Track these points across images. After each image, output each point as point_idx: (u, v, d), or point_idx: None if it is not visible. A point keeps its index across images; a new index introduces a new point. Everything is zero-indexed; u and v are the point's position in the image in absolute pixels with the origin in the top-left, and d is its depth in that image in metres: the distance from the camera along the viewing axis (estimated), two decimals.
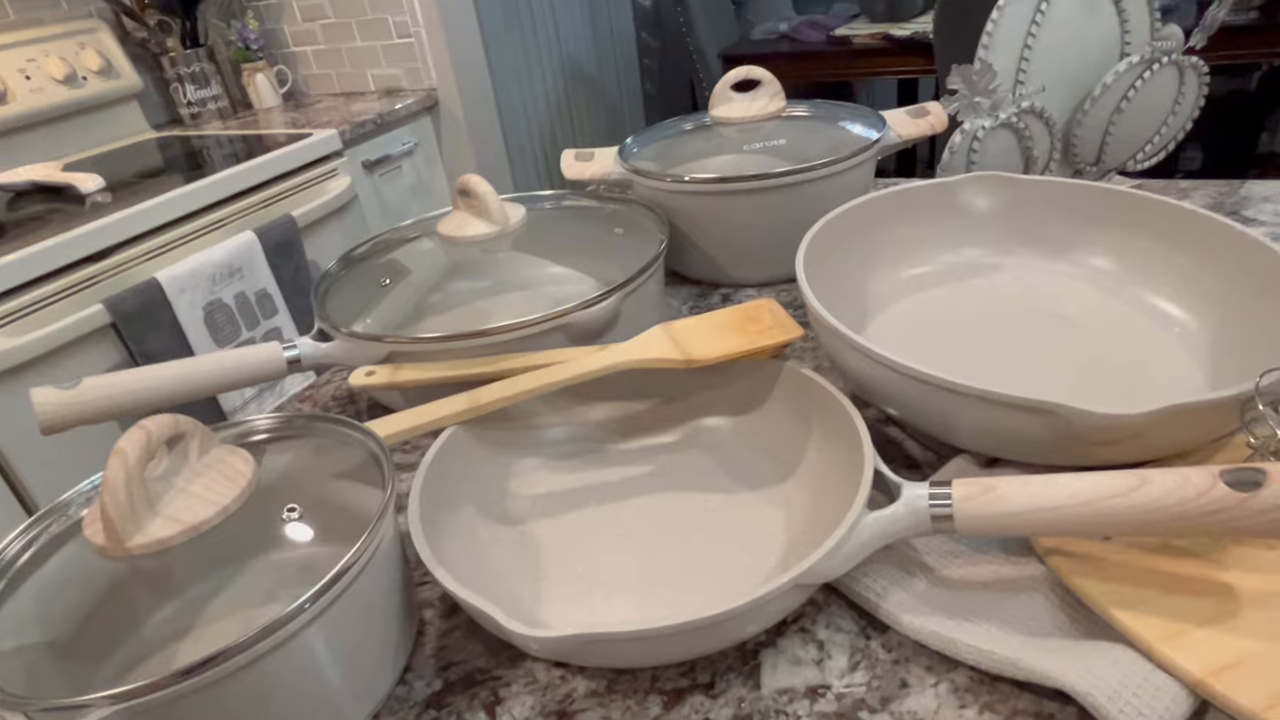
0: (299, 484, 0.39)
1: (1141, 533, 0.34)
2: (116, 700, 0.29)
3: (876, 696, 0.34)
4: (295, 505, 0.36)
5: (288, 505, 0.36)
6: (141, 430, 0.33)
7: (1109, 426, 0.36)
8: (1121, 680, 0.30)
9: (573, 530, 0.45)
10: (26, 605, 0.36)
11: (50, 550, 0.37)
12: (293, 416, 0.42)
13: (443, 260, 0.61)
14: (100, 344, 1.13)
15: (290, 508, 0.36)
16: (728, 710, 0.35)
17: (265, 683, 0.32)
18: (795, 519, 0.44)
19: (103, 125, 1.62)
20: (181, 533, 0.33)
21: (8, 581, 0.36)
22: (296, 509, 0.36)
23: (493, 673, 0.38)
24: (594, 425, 0.52)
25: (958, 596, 0.37)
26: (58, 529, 0.38)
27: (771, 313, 0.50)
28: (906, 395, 0.42)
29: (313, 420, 0.42)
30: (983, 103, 0.64)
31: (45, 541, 0.37)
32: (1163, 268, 0.53)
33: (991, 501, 0.35)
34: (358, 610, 0.35)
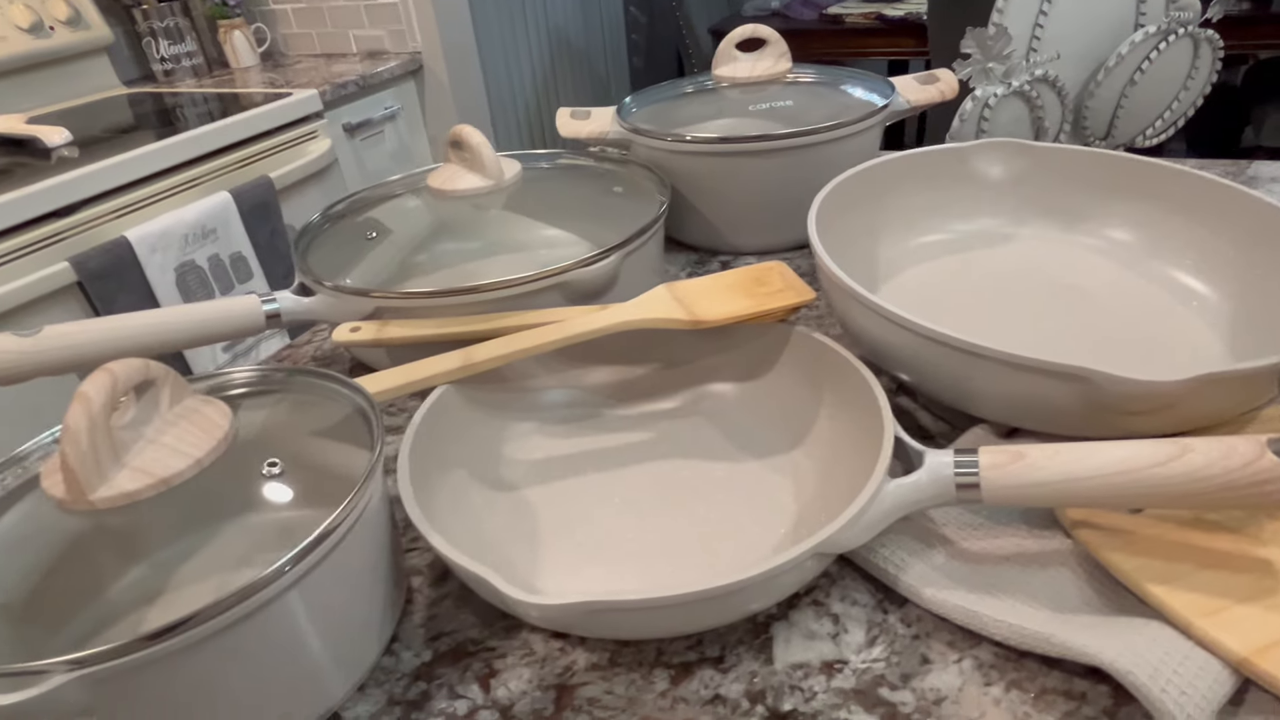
0: (279, 440, 0.36)
1: (1181, 505, 0.32)
2: (76, 665, 0.26)
3: (897, 673, 0.32)
4: (276, 460, 0.33)
5: (268, 460, 0.33)
6: (107, 374, 0.30)
7: (1144, 395, 0.34)
8: (1161, 658, 0.29)
9: (570, 497, 0.43)
10: None
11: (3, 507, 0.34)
12: (273, 369, 0.39)
13: (432, 214, 0.58)
14: (65, 303, 1.08)
15: (271, 462, 0.33)
16: (739, 685, 0.33)
17: (240, 650, 0.29)
18: (805, 488, 0.41)
19: (70, 79, 1.55)
20: (150, 486, 0.30)
21: None
22: (278, 464, 0.33)
23: (486, 644, 0.36)
24: (591, 389, 0.49)
25: (979, 570, 0.35)
26: (13, 483, 0.35)
27: (781, 275, 0.48)
28: (925, 360, 0.40)
29: (295, 374, 0.39)
30: (996, 69, 0.62)
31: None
32: (1181, 239, 0.51)
33: (1022, 470, 0.33)
34: (342, 575, 0.32)
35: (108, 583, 0.34)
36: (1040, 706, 0.30)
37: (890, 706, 0.31)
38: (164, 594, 0.33)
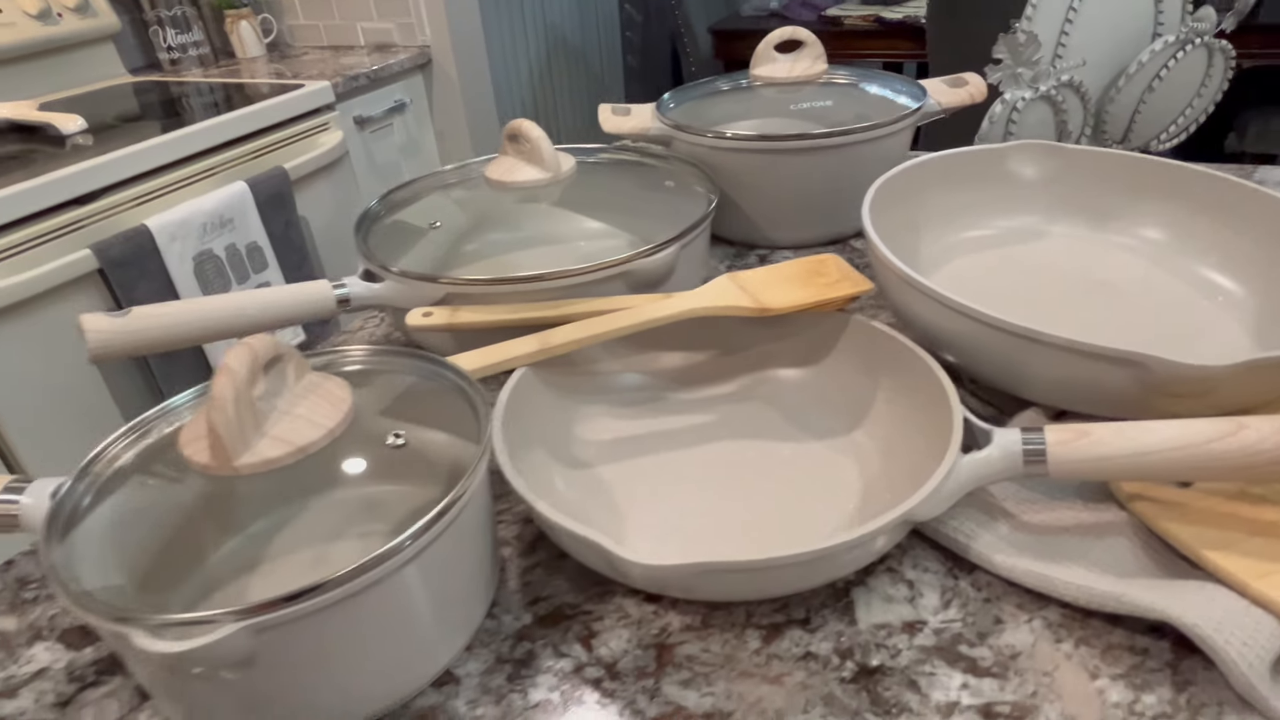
0: (389, 416, 0.38)
1: (1234, 478, 0.35)
2: (242, 616, 0.28)
3: (973, 631, 0.35)
4: (400, 431, 0.35)
5: (393, 431, 0.35)
6: (247, 348, 0.32)
7: (1193, 379, 0.37)
8: (1223, 614, 0.32)
9: (643, 475, 0.45)
10: (103, 532, 0.35)
11: (115, 484, 0.36)
12: (377, 350, 0.41)
13: (490, 205, 0.60)
14: (85, 291, 1.09)
15: (396, 433, 0.35)
16: (828, 644, 0.35)
17: (374, 609, 0.31)
18: (868, 467, 0.44)
19: (76, 66, 1.54)
20: (289, 454, 0.32)
21: (92, 499, 0.34)
22: (401, 435, 0.35)
23: (582, 608, 0.38)
24: (654, 374, 0.52)
25: (1042, 540, 0.38)
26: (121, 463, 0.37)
27: (838, 266, 0.51)
28: (982, 345, 0.43)
29: (395, 354, 0.41)
30: (1025, 73, 0.65)
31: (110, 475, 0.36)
32: (1206, 238, 0.54)
33: (1087, 446, 0.35)
34: (457, 542, 0.34)
35: (207, 555, 0.36)
36: (1109, 660, 0.33)
37: (970, 661, 0.34)
38: (264, 564, 0.35)
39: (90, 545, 0.34)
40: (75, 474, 0.35)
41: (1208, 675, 0.32)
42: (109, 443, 0.37)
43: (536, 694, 0.34)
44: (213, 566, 0.36)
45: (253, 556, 0.36)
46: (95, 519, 0.35)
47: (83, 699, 0.36)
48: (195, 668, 0.29)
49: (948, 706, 0.32)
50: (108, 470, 0.36)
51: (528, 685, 0.35)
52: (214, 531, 0.37)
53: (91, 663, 0.38)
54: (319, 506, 0.37)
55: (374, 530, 0.36)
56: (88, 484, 0.35)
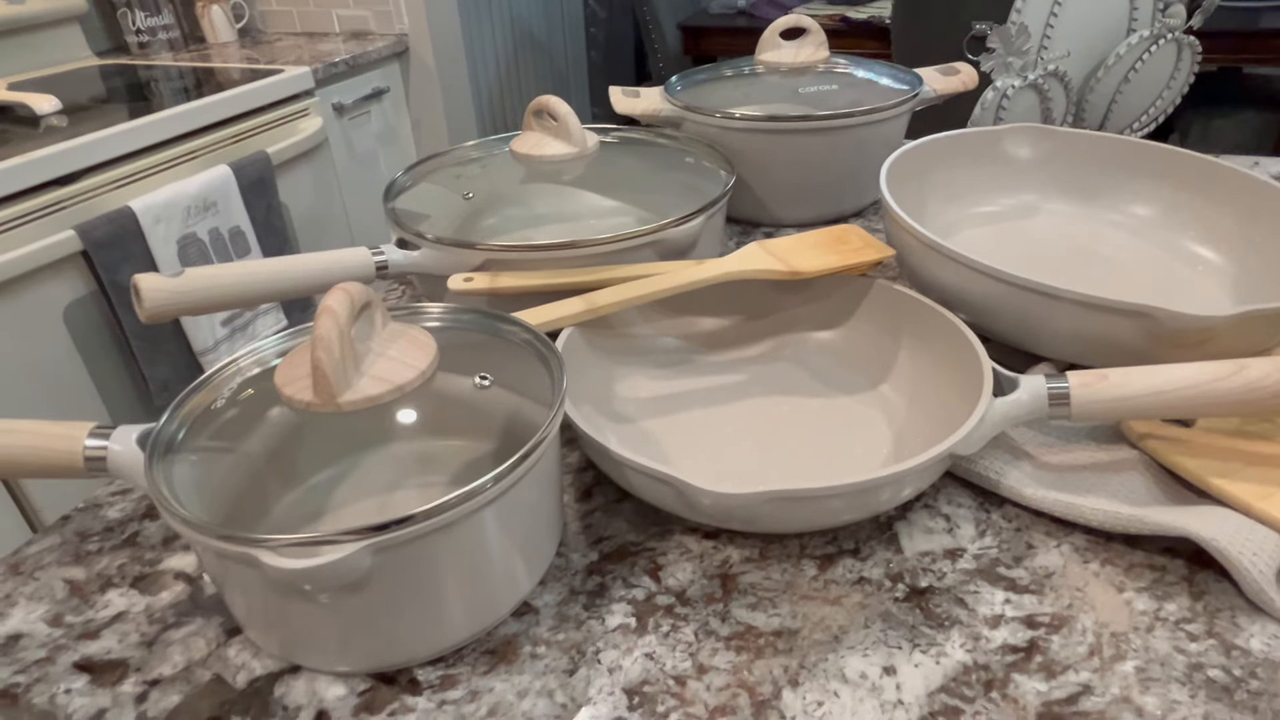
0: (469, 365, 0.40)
1: (1237, 413, 0.39)
2: (366, 534, 0.29)
3: (1009, 555, 0.38)
4: (486, 374, 0.37)
5: (480, 373, 0.37)
6: (343, 292, 0.34)
7: (1196, 327, 0.41)
8: (1234, 530, 0.35)
9: (687, 428, 0.48)
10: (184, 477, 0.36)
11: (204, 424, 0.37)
12: (450, 307, 0.42)
13: (516, 178, 0.62)
14: (67, 273, 1.07)
15: (482, 375, 0.37)
16: (878, 570, 0.38)
17: (470, 539, 0.33)
18: (896, 417, 0.47)
19: (41, 48, 1.50)
20: (389, 391, 0.34)
21: (185, 435, 0.36)
22: (488, 377, 0.37)
23: (645, 545, 0.40)
24: (685, 337, 0.54)
25: (1063, 476, 0.42)
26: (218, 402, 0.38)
27: (859, 235, 0.54)
28: (998, 303, 0.46)
29: (467, 311, 0.43)
30: (1015, 62, 0.70)
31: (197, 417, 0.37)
32: (1188, 213, 0.59)
33: (1107, 388, 0.39)
34: (537, 480, 0.36)
35: (271, 505, 0.37)
36: (1132, 576, 0.37)
37: (1009, 580, 0.37)
38: (327, 514, 0.36)
39: (180, 485, 0.35)
40: (166, 415, 0.36)
41: (1219, 586, 0.36)
42: (196, 385, 0.38)
43: (613, 619, 0.36)
44: (278, 514, 0.37)
45: (318, 506, 0.37)
46: (181, 462, 0.36)
47: (167, 638, 0.37)
48: (310, 586, 0.31)
49: (994, 619, 0.35)
50: (194, 413, 0.37)
51: (604, 613, 0.37)
52: (280, 481, 0.38)
53: (170, 605, 0.39)
54: (379, 459, 0.39)
55: (433, 481, 0.38)
56: (177, 425, 0.36)
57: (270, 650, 0.36)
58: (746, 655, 0.34)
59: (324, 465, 0.38)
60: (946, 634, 0.35)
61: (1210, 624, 0.34)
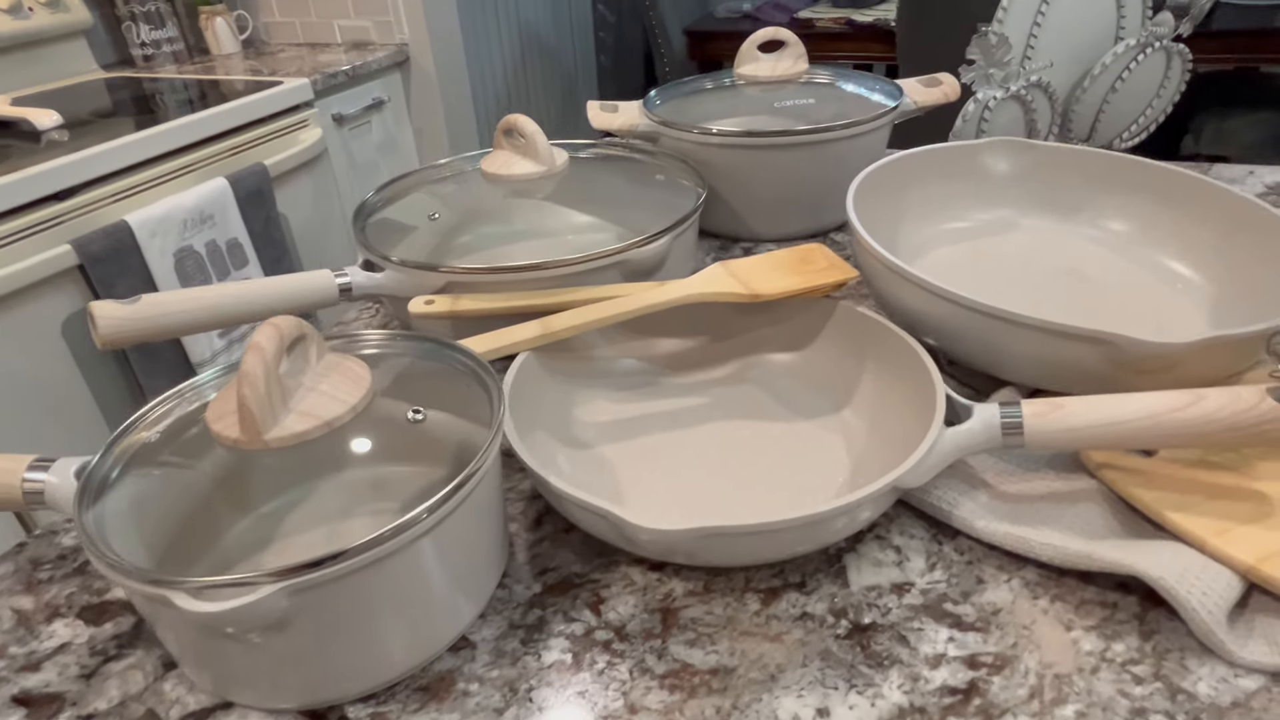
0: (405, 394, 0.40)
1: (1193, 444, 0.38)
2: (279, 578, 0.29)
3: (957, 590, 0.38)
4: (419, 408, 0.37)
5: (412, 407, 0.37)
6: (273, 328, 0.34)
7: (1159, 355, 0.40)
8: (1184, 568, 0.34)
9: (643, 454, 0.47)
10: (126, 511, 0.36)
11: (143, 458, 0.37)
12: (392, 334, 0.42)
13: (486, 197, 0.62)
14: (64, 287, 1.08)
15: (415, 409, 0.37)
16: (823, 604, 0.37)
17: (396, 575, 0.33)
18: (855, 443, 0.47)
19: (47, 62, 1.53)
20: (316, 428, 0.34)
21: (116, 477, 0.36)
22: (421, 411, 0.37)
23: (589, 576, 0.40)
24: (649, 359, 0.54)
25: (1018, 507, 0.41)
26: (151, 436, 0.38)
27: (825, 255, 0.53)
28: (961, 327, 0.45)
29: (408, 338, 0.42)
30: (996, 74, 0.69)
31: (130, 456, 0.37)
32: (1167, 229, 0.58)
33: (1061, 417, 0.38)
34: (473, 513, 0.36)
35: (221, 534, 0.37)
36: (1082, 614, 0.36)
37: (955, 617, 0.36)
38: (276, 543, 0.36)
39: (115, 521, 0.35)
40: (101, 452, 0.36)
41: (1171, 625, 0.35)
42: (133, 420, 0.38)
43: (550, 655, 0.36)
44: (228, 544, 0.37)
45: (266, 534, 0.37)
46: (119, 495, 0.36)
47: (106, 671, 0.37)
48: (231, 629, 0.31)
49: (935, 658, 0.34)
50: (132, 448, 0.37)
51: (540, 648, 0.36)
52: (230, 510, 0.38)
53: (112, 637, 0.39)
54: (331, 486, 0.39)
55: (385, 509, 0.38)
56: (113, 461, 0.36)
57: (203, 687, 0.35)
58: (680, 695, 0.34)
59: (276, 493, 0.38)
60: (885, 674, 0.34)
61: (1158, 665, 0.33)
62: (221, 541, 0.37)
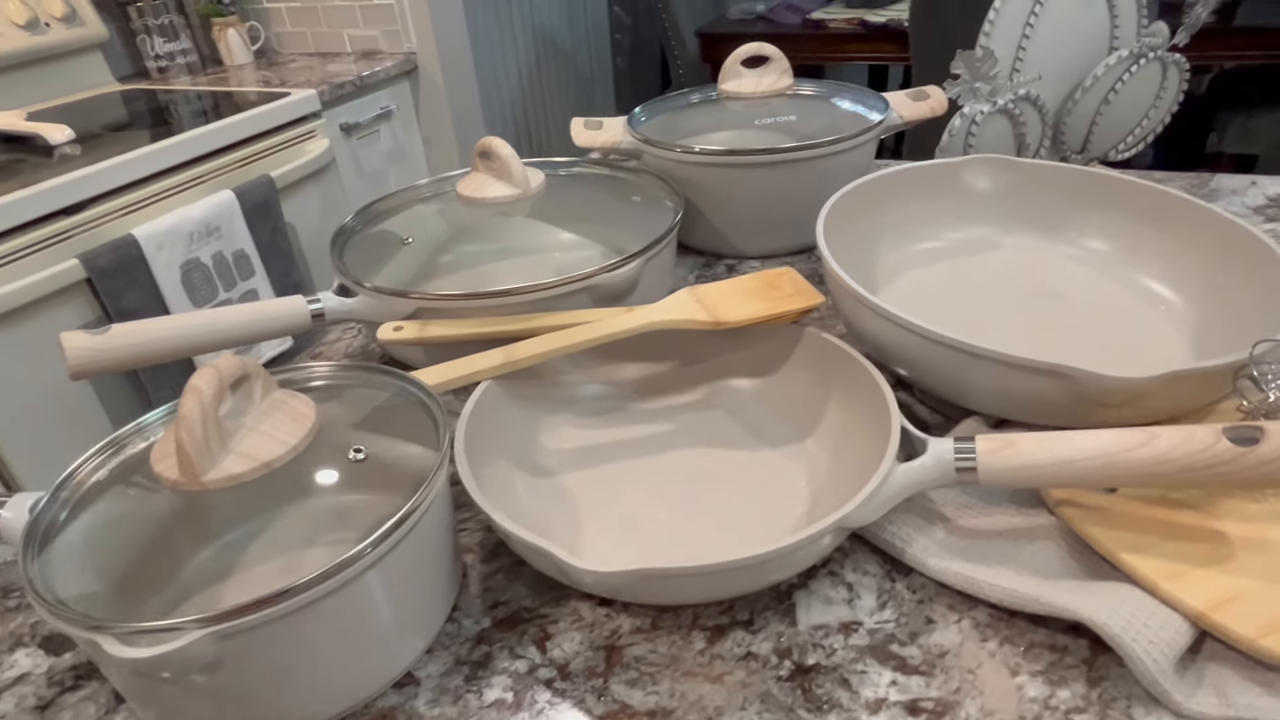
0: (353, 430, 0.40)
1: (1148, 484, 0.37)
2: (207, 623, 0.30)
3: (905, 631, 0.37)
4: (361, 447, 0.37)
5: (354, 446, 0.37)
6: (213, 370, 0.34)
7: (1118, 389, 0.39)
8: (1132, 613, 0.34)
9: (605, 483, 0.47)
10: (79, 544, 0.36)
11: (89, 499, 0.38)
12: (342, 365, 0.43)
13: (462, 220, 0.62)
14: (73, 301, 1.10)
15: (356, 448, 0.37)
16: (768, 644, 0.37)
17: (335, 614, 0.33)
18: (817, 475, 0.46)
19: (65, 75, 1.56)
20: (254, 469, 0.34)
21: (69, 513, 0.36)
22: (362, 450, 0.37)
23: (539, 611, 0.40)
24: (617, 384, 0.54)
25: (974, 544, 0.40)
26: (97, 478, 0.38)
27: (792, 280, 0.52)
28: (925, 358, 0.45)
29: (359, 370, 0.43)
30: (983, 88, 0.67)
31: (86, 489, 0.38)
32: (1151, 249, 0.56)
33: (1014, 455, 0.37)
34: (417, 549, 0.36)
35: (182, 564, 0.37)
36: (1029, 658, 0.35)
37: (900, 660, 0.36)
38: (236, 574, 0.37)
39: (69, 556, 0.36)
40: (53, 489, 0.37)
41: (1119, 672, 0.34)
42: (86, 458, 0.38)
43: (491, 694, 0.36)
44: (187, 575, 0.37)
45: (226, 565, 0.38)
46: (74, 531, 0.36)
47: (61, 702, 0.38)
48: (164, 672, 0.31)
49: (875, 703, 0.34)
50: (85, 484, 0.38)
51: (483, 686, 0.36)
52: (189, 541, 0.39)
53: (70, 668, 0.39)
54: (291, 516, 0.39)
55: (344, 538, 0.38)
56: (65, 498, 0.37)
57: None
58: None
59: (239, 522, 0.39)
60: (823, 719, 0.34)
61: (1103, 714, 0.33)
62: (182, 573, 0.38)
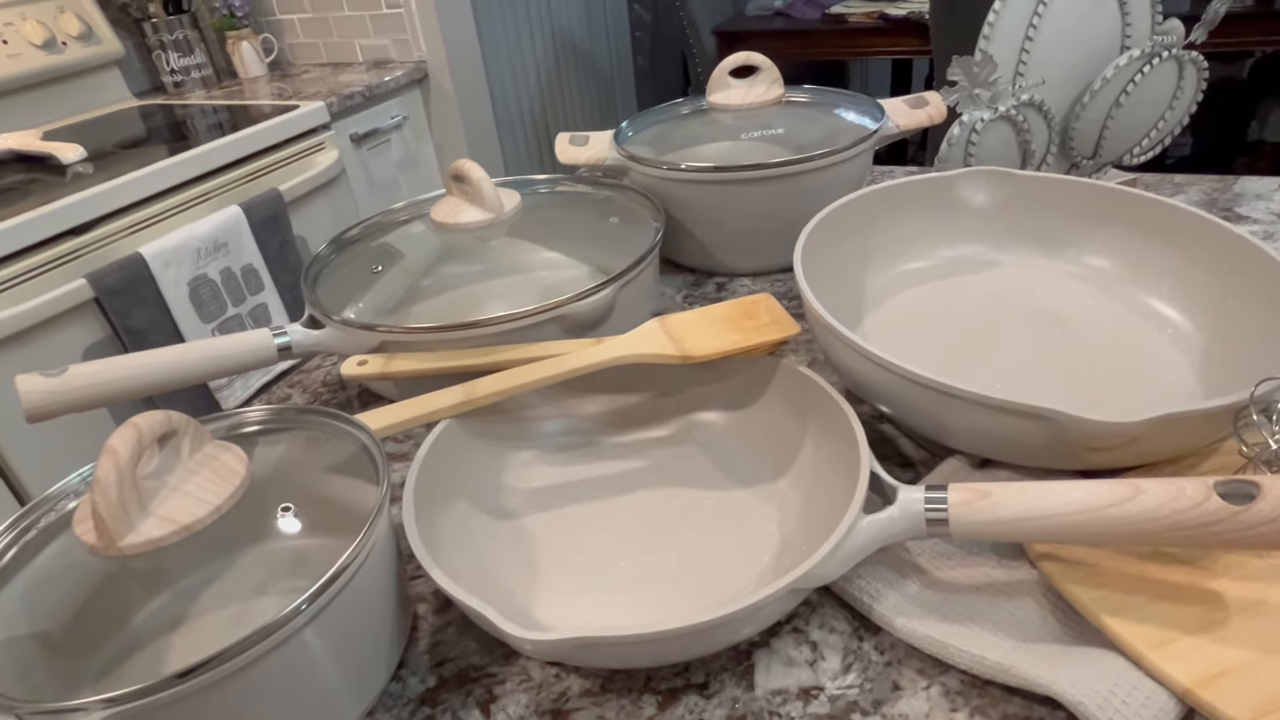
0: (290, 478, 0.39)
1: (1134, 543, 0.34)
2: (112, 704, 0.28)
3: (869, 699, 0.35)
4: (289, 505, 0.36)
5: (281, 504, 0.35)
6: (133, 428, 0.33)
7: (1105, 434, 0.36)
8: (1111, 688, 0.31)
9: (568, 525, 0.45)
10: (15, 599, 0.36)
11: (40, 543, 0.37)
12: (284, 409, 0.41)
13: (436, 247, 0.61)
14: (83, 319, 1.11)
15: (285, 506, 0.35)
16: (722, 711, 0.35)
17: (260, 684, 0.32)
18: (789, 517, 0.44)
19: (83, 93, 1.58)
20: (174, 533, 0.33)
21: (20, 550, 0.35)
22: (290, 507, 0.35)
23: (487, 670, 0.38)
24: (588, 418, 0.52)
25: (949, 599, 0.37)
26: (46, 522, 0.38)
27: (769, 309, 0.50)
28: (901, 395, 0.42)
29: (304, 413, 0.41)
30: (982, 95, 0.64)
31: (34, 535, 0.37)
32: (1158, 267, 0.53)
33: (987, 508, 0.35)
34: (353, 608, 0.35)
35: (133, 612, 0.36)
36: None
37: None
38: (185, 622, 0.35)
39: (6, 611, 0.35)
40: None
41: None
42: (22, 513, 0.37)
43: None
44: (139, 624, 0.36)
45: (178, 614, 0.37)
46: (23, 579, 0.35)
47: None
48: None
49: None
50: (20, 540, 0.37)
51: None
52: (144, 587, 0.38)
53: None
54: (246, 562, 0.38)
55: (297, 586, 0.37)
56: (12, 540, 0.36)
57: None
58: None
59: (194, 567, 0.38)
60: None
61: None
62: (133, 621, 0.37)
